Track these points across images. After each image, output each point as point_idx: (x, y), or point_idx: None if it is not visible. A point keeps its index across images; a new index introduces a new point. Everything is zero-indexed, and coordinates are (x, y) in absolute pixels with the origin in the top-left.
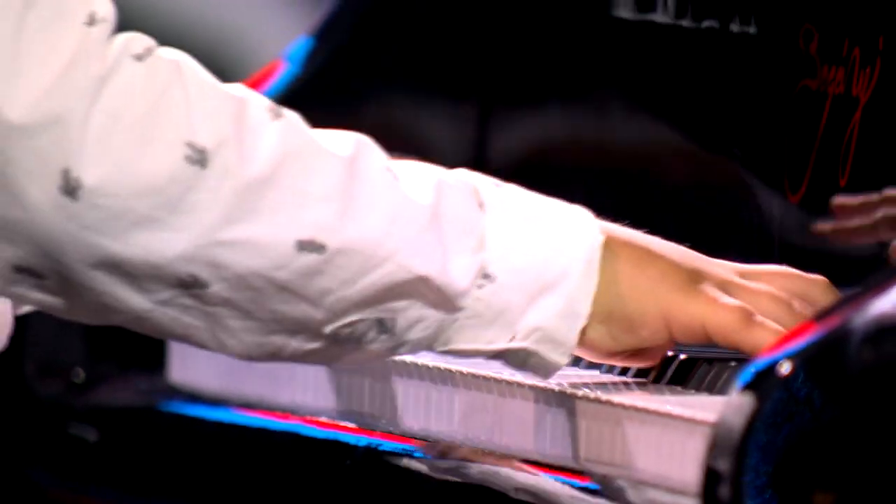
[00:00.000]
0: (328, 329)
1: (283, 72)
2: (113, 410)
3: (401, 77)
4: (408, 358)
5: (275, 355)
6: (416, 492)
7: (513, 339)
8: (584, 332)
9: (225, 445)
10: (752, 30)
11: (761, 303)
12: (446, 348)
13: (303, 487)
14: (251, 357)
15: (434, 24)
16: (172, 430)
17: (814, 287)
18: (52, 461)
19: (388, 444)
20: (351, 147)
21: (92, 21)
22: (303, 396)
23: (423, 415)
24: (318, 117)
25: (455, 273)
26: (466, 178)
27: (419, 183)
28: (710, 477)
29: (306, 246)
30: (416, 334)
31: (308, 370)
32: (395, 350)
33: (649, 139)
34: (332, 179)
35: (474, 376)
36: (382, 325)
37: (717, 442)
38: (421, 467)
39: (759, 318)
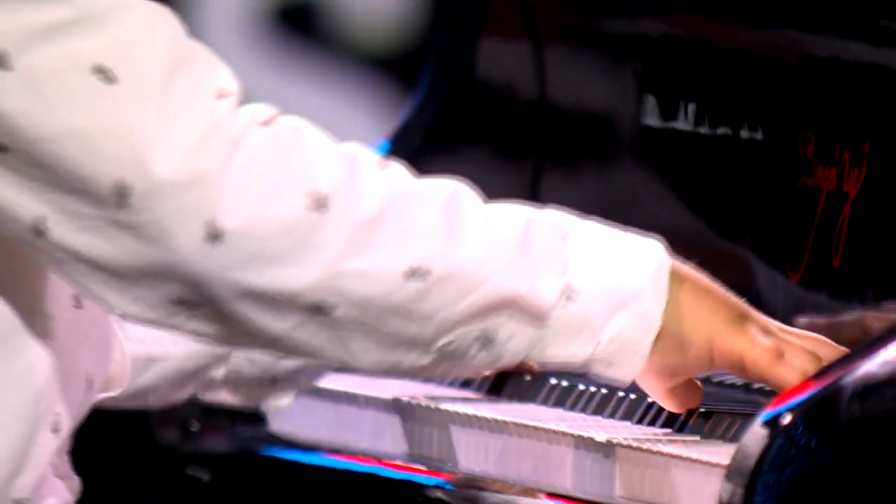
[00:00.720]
0: (437, 345)
1: None
2: (222, 455)
3: (462, 173)
4: (468, 409)
5: (393, 369)
6: None
7: (596, 347)
8: None
9: (315, 484)
10: (759, 136)
11: (795, 352)
12: (540, 359)
13: None
14: (374, 371)
15: (491, 132)
16: (271, 472)
17: (838, 353)
18: (171, 498)
19: (449, 484)
20: (449, 191)
21: (221, 95)
22: (381, 443)
23: (481, 458)
24: None
25: (543, 292)
26: (553, 215)
27: (509, 218)
28: None
29: (413, 274)
30: (512, 347)
31: (384, 421)
32: (495, 363)
33: (672, 227)
34: (433, 217)
35: (525, 426)
36: (483, 341)
37: (731, 482)
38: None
39: (788, 358)
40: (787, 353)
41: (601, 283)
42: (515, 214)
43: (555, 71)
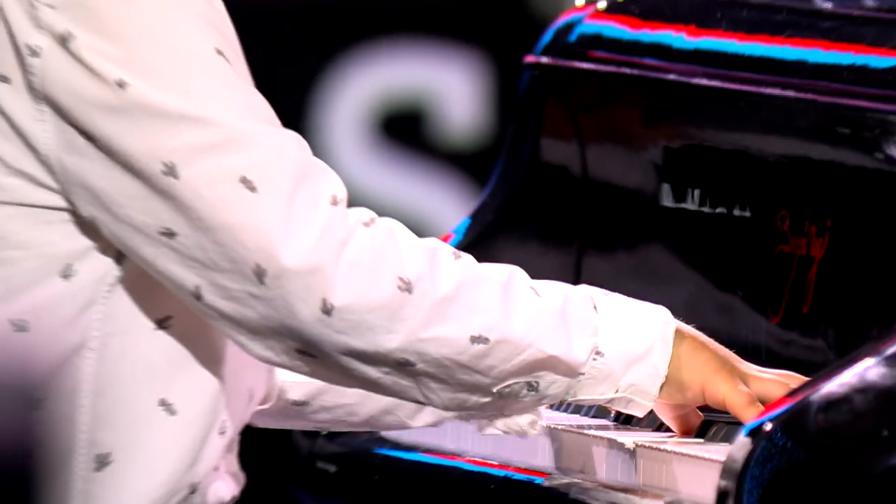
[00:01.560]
0: (494, 390)
1: (450, 241)
2: (344, 453)
3: (524, 240)
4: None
5: (461, 406)
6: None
7: (616, 391)
8: None
9: (415, 476)
10: (747, 214)
11: (768, 386)
12: (574, 399)
13: (473, 500)
14: (447, 408)
15: (546, 210)
16: (380, 466)
17: (799, 383)
18: (308, 484)
19: (518, 475)
20: (506, 274)
21: (335, 202)
22: (464, 445)
23: (545, 456)
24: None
25: (576, 352)
26: (586, 290)
27: (552, 295)
28: (722, 496)
29: (477, 340)
30: (552, 391)
31: (468, 431)
32: (540, 402)
33: (682, 284)
34: (492, 296)
35: (574, 432)
36: (531, 386)
37: (726, 474)
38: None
39: (757, 403)
40: (766, 389)
41: (621, 345)
42: (557, 290)
43: (594, 166)
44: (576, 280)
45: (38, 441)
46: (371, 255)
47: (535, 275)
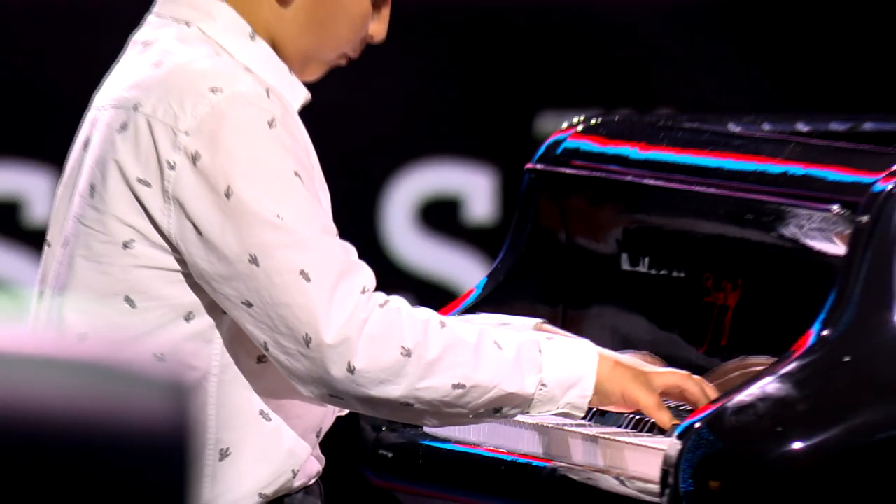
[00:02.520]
0: (471, 416)
1: (472, 294)
2: (398, 443)
3: (525, 295)
4: (536, 420)
5: (449, 425)
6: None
7: (557, 408)
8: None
9: (449, 460)
10: (682, 275)
11: (667, 377)
12: (528, 415)
13: (489, 476)
14: (440, 427)
15: (542, 274)
16: (426, 453)
17: (700, 382)
18: (372, 466)
19: (520, 459)
20: (476, 336)
21: (364, 290)
22: (483, 437)
23: (538, 445)
24: (486, 310)
25: (527, 387)
26: (535, 336)
27: (509, 345)
28: (664, 474)
29: (457, 386)
30: (512, 412)
31: (486, 428)
32: (504, 419)
33: (637, 324)
34: (467, 354)
35: (556, 428)
36: (496, 411)
37: (668, 459)
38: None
39: (664, 405)
40: (675, 383)
41: (558, 376)
42: (513, 340)
43: (574, 242)
44: (563, 319)
45: (188, 438)
46: (382, 329)
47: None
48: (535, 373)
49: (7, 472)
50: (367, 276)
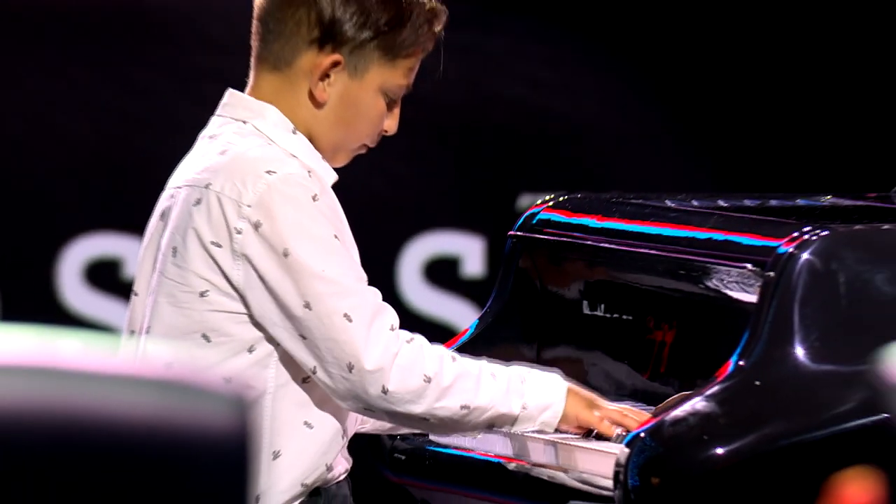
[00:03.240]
0: (472, 429)
1: (466, 333)
2: (410, 448)
3: (508, 334)
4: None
5: (453, 435)
6: (506, 475)
7: (534, 426)
8: None
9: (449, 461)
10: (631, 318)
11: (611, 413)
12: (513, 430)
13: (480, 474)
14: (444, 437)
15: (523, 319)
16: (431, 455)
17: (639, 414)
18: (389, 466)
19: (500, 461)
20: (477, 368)
21: (392, 328)
22: (475, 444)
23: (511, 450)
24: (481, 349)
25: (514, 409)
26: (520, 370)
27: (502, 377)
28: (617, 472)
29: (463, 408)
30: (503, 427)
31: (496, 440)
32: (497, 429)
33: (595, 356)
34: (471, 383)
35: (526, 436)
36: (491, 425)
37: (619, 460)
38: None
39: (609, 425)
40: (614, 417)
41: (537, 402)
42: (504, 373)
43: (546, 292)
44: (538, 354)
45: (249, 443)
46: (409, 361)
47: (512, 356)
48: (520, 398)
49: (107, 469)
50: (392, 316)
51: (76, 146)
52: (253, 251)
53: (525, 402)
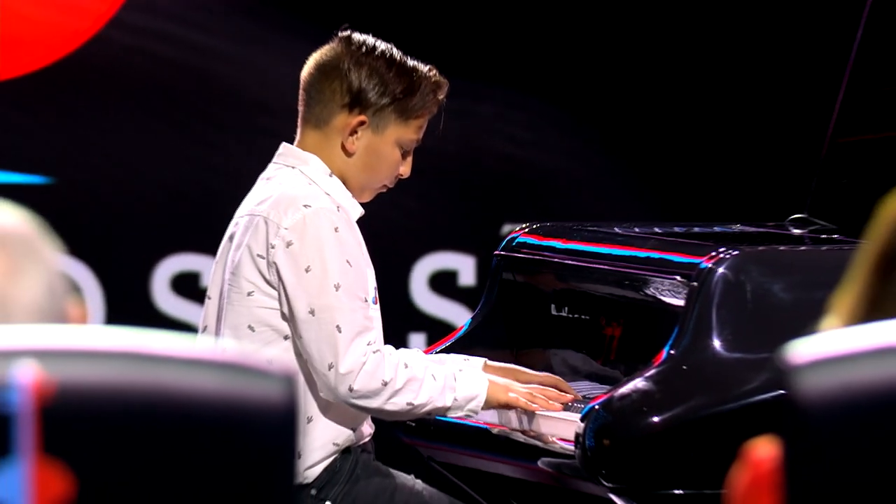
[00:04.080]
0: (417, 416)
1: (461, 330)
2: (417, 422)
3: (493, 332)
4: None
5: (405, 419)
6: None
7: (463, 413)
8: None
9: (449, 427)
10: (588, 317)
11: (526, 395)
12: (447, 416)
13: (475, 437)
14: (407, 419)
15: (507, 324)
16: (435, 424)
17: (544, 391)
18: (403, 431)
19: (486, 427)
20: (423, 371)
21: (369, 342)
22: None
23: (496, 419)
24: (473, 341)
25: (447, 401)
26: (452, 368)
27: (440, 376)
28: (577, 436)
29: (409, 404)
30: (439, 415)
31: (484, 412)
32: (434, 416)
33: (558, 349)
34: (416, 384)
35: (514, 410)
36: (430, 413)
37: (579, 426)
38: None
39: (523, 401)
40: (524, 397)
41: (464, 395)
42: (442, 371)
43: (524, 298)
44: (515, 346)
45: (293, 411)
46: (373, 368)
47: (497, 346)
48: (452, 393)
49: (186, 434)
50: (372, 333)
51: (166, 186)
52: (282, 262)
53: (456, 396)
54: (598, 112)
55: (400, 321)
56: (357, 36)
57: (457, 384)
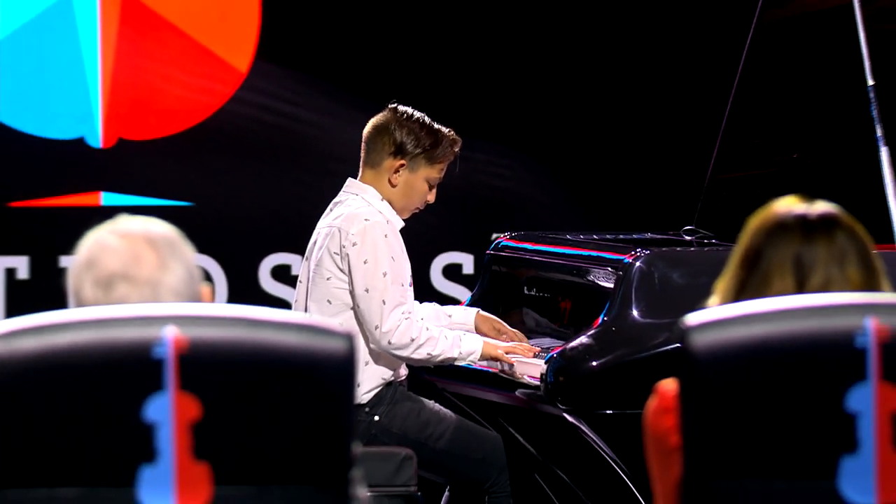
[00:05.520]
0: (436, 362)
1: (463, 304)
2: (435, 367)
3: (486, 305)
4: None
5: (426, 364)
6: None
7: (464, 361)
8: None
9: (460, 370)
10: (548, 296)
11: (505, 346)
12: (454, 363)
13: (474, 375)
14: (428, 365)
15: (491, 300)
16: (450, 365)
17: (520, 346)
18: (425, 371)
19: (485, 369)
20: (438, 332)
21: (403, 312)
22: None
23: (489, 365)
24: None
25: (454, 354)
26: (458, 332)
27: (450, 337)
28: (542, 374)
29: (428, 355)
30: (449, 362)
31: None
32: (451, 364)
33: (531, 320)
34: (433, 342)
35: (501, 359)
36: (444, 362)
37: (543, 368)
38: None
39: (506, 356)
40: (506, 352)
41: (467, 350)
42: (451, 334)
43: (507, 284)
44: (501, 314)
45: (355, 358)
46: (404, 329)
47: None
48: (458, 349)
49: (280, 377)
50: (407, 307)
51: (270, 207)
52: (351, 256)
53: (461, 350)
54: (553, 158)
55: (425, 297)
56: (401, 107)
57: (461, 342)
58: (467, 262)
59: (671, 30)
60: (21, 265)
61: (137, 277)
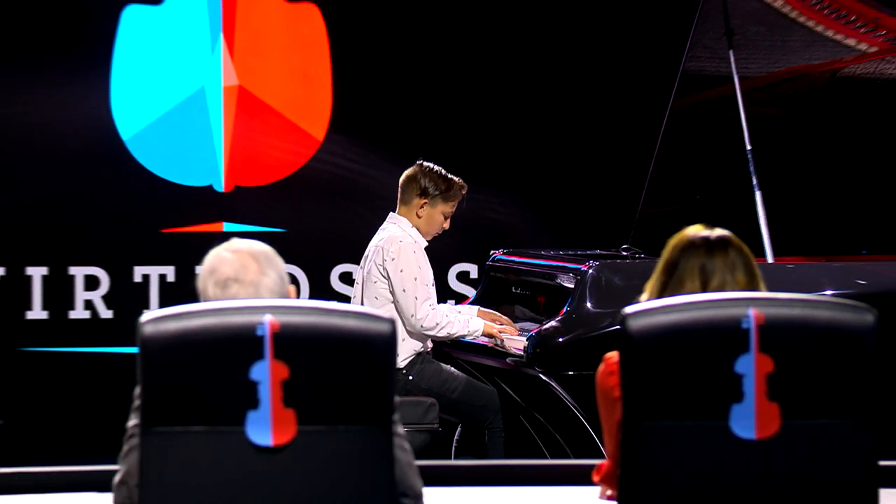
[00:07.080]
0: (452, 339)
1: (470, 300)
2: (451, 342)
3: (485, 303)
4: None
5: (448, 340)
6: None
7: (471, 337)
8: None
9: (469, 344)
10: (529, 293)
11: (499, 329)
12: (464, 339)
13: (477, 349)
14: (446, 340)
15: (490, 297)
16: (462, 341)
17: (510, 329)
18: (443, 345)
19: (486, 344)
20: (455, 317)
21: (431, 305)
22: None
23: (488, 340)
24: (474, 305)
25: (464, 332)
26: (466, 316)
27: (461, 321)
28: (525, 348)
29: (448, 335)
30: (460, 338)
31: (484, 339)
32: (461, 339)
33: (517, 311)
34: (451, 326)
35: (491, 337)
36: (458, 338)
37: (526, 343)
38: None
39: (500, 334)
40: (500, 332)
41: (472, 329)
42: (462, 319)
43: (500, 288)
44: (496, 307)
45: (395, 336)
46: (433, 316)
47: (487, 306)
48: (466, 328)
49: (341, 348)
50: (433, 301)
51: (339, 233)
52: (390, 267)
53: (469, 330)
54: (532, 197)
55: (444, 294)
56: (425, 163)
57: (469, 324)
58: (473, 270)
59: (612, 107)
60: (170, 272)
61: (245, 280)
